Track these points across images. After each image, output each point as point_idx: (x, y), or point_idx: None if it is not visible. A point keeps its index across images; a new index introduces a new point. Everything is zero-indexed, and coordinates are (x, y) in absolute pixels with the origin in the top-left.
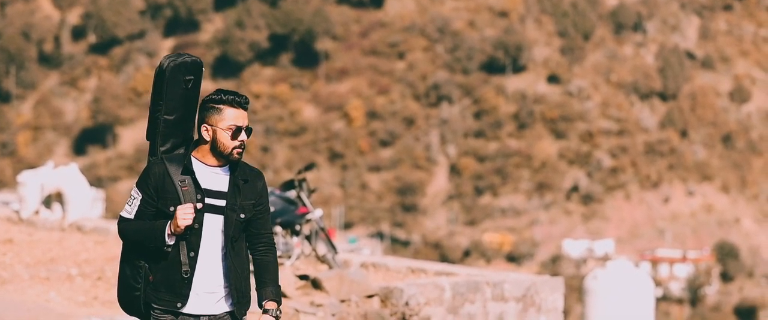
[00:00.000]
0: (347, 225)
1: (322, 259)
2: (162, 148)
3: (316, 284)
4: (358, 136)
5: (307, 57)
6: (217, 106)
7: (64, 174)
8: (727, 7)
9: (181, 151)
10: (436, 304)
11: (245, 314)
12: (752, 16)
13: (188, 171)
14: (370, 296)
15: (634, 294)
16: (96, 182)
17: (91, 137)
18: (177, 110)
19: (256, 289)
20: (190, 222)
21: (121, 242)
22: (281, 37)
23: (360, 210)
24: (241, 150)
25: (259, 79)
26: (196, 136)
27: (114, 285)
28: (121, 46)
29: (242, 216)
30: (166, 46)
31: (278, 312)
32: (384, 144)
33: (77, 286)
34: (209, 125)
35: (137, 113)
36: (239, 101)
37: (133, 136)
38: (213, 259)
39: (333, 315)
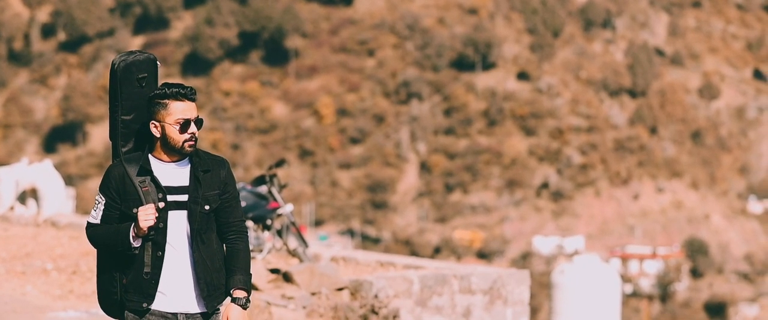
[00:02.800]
0: (318, 223)
1: (293, 253)
2: (124, 149)
3: (287, 277)
4: (328, 134)
5: (277, 54)
6: (162, 101)
7: (38, 170)
8: (696, 4)
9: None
10: (405, 297)
11: (217, 307)
12: (721, 12)
13: (146, 171)
14: (340, 289)
15: (600, 289)
16: (66, 180)
17: (61, 135)
18: (134, 109)
19: (226, 278)
20: (152, 223)
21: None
22: (251, 34)
23: (330, 208)
24: (192, 142)
25: (228, 76)
26: None
27: (89, 279)
28: (90, 44)
29: (207, 207)
30: (136, 44)
31: (246, 301)
32: (354, 141)
33: (53, 280)
34: (157, 121)
35: (107, 111)
36: (185, 93)
37: (103, 134)
38: (181, 256)
39: (304, 307)
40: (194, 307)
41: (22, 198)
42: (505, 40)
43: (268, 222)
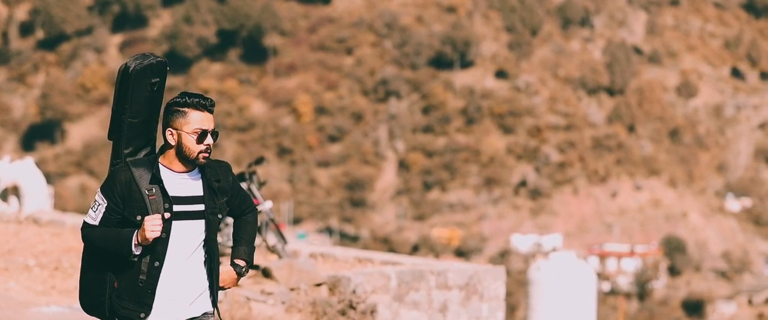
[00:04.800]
0: (296, 221)
1: (272, 249)
2: (126, 151)
3: (266, 273)
4: (306, 132)
5: (256, 52)
6: (182, 109)
7: (20, 168)
8: (674, 3)
9: (144, 154)
10: (382, 292)
11: (205, 312)
12: (699, 11)
13: (156, 179)
14: (319, 284)
15: (576, 285)
16: (44, 178)
17: (39, 133)
18: (141, 113)
19: (231, 248)
20: (158, 233)
21: (84, 246)
22: (229, 32)
23: (309, 206)
24: (207, 154)
25: (207, 74)
26: (159, 139)
27: (70, 275)
28: (69, 42)
29: (220, 216)
30: (114, 42)
31: (244, 270)
32: (332, 139)
33: (35, 276)
34: (174, 129)
35: (86, 109)
36: (204, 104)
37: (81, 132)
38: (180, 267)
39: (283, 302)
40: (184, 315)
41: (4, 195)
42: (483, 39)
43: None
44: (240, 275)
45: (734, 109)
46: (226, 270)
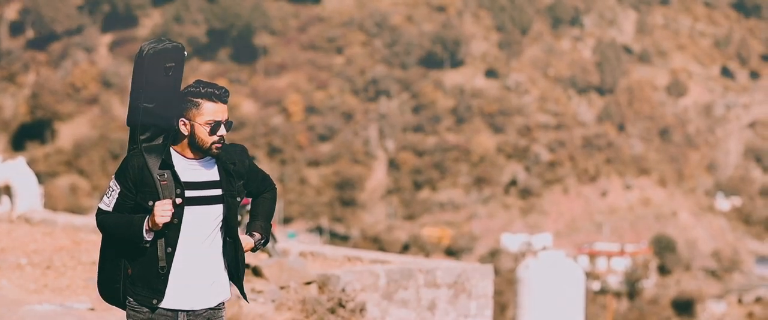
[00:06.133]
0: (286, 220)
1: (262, 249)
2: (142, 137)
3: (256, 272)
4: (296, 131)
5: (246, 52)
6: (195, 99)
7: (12, 167)
8: (664, 2)
9: (160, 141)
10: (371, 291)
11: (222, 302)
12: (688, 10)
13: (167, 164)
14: (308, 283)
15: (564, 284)
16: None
17: (29, 132)
18: (157, 98)
19: (249, 222)
20: (168, 219)
21: (102, 236)
22: (219, 32)
23: (299, 205)
24: (220, 144)
25: (197, 73)
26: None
27: (62, 274)
28: (59, 42)
29: (239, 199)
30: (105, 42)
31: (258, 242)
32: (323, 138)
33: (27, 275)
34: (187, 119)
35: (76, 108)
36: (219, 95)
37: (71, 132)
38: (193, 253)
39: (273, 301)
40: (198, 304)
41: None
42: (473, 38)
43: (238, 217)
44: (255, 246)
45: (724, 108)
46: (244, 239)
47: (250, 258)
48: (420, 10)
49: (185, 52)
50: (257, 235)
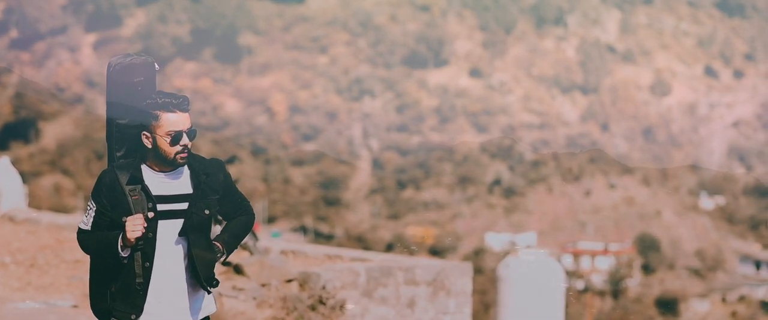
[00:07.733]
0: (271, 220)
1: (243, 246)
2: (118, 153)
3: (238, 269)
4: (280, 130)
5: (230, 51)
6: (154, 111)
7: None
8: (648, 1)
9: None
10: (351, 288)
11: (205, 317)
12: (672, 9)
13: (137, 179)
14: (289, 280)
15: (544, 282)
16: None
17: (13, 132)
18: (129, 113)
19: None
20: (139, 233)
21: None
22: (203, 31)
23: (283, 205)
24: (185, 154)
25: (181, 73)
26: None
27: (46, 272)
28: (43, 41)
29: (207, 212)
30: (89, 41)
31: (220, 253)
32: (307, 138)
33: (11, 273)
34: (149, 132)
35: (60, 108)
36: (177, 104)
37: (55, 131)
38: (171, 267)
39: (254, 298)
40: (179, 318)
41: None
42: (457, 37)
43: (220, 216)
44: (215, 256)
45: (708, 108)
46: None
47: (232, 257)
48: (404, 10)
49: (156, 66)
50: (218, 245)
